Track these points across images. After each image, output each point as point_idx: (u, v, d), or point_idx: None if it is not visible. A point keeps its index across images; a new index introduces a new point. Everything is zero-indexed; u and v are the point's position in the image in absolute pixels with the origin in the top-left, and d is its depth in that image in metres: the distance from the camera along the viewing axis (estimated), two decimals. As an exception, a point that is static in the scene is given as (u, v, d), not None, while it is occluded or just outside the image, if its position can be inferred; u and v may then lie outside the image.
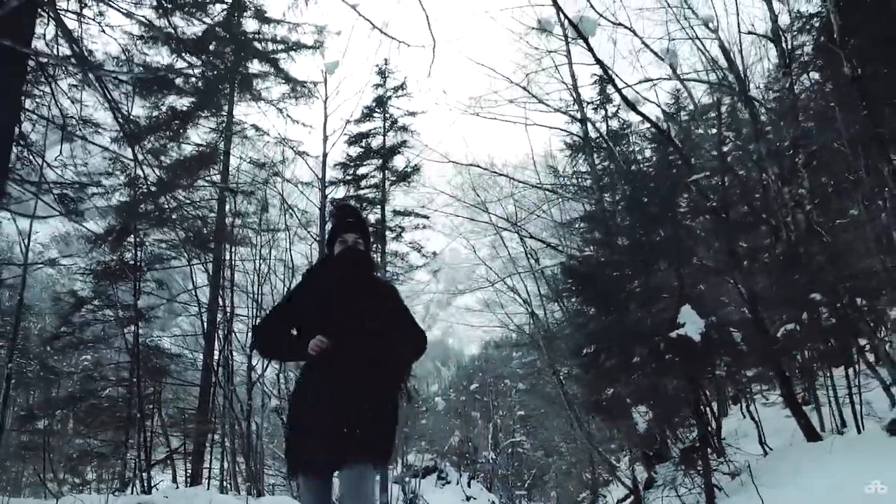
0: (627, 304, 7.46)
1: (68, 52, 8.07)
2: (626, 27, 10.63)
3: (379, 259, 18.30)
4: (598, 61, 8.37)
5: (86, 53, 7.45)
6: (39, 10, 6.30)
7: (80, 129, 10.22)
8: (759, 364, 7.83)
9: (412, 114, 19.05)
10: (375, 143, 18.98)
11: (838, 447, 6.68)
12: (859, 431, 7.34)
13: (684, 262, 7.40)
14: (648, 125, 9.60)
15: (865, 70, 9.29)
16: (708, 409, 9.09)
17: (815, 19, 12.17)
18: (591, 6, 10.54)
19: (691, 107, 14.16)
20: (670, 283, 7.37)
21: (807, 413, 7.77)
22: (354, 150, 18.94)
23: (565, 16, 8.29)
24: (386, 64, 19.33)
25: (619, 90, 8.19)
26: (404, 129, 19.09)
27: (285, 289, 12.97)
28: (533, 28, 9.17)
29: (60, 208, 11.06)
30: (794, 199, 9.48)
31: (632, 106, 8.31)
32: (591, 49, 8.42)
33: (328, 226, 3.46)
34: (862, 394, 7.97)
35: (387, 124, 19.01)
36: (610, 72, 8.26)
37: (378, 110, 19.09)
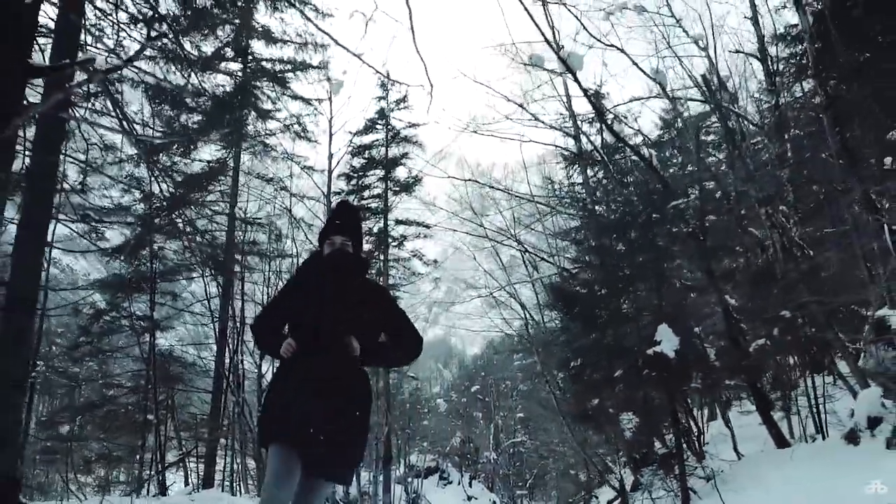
0: (610, 323, 8.16)
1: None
2: (617, 48, 11.35)
3: (381, 265, 19.06)
4: (586, 93, 9.07)
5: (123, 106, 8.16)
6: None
7: (102, 156, 11.01)
8: (731, 378, 8.51)
9: (414, 125, 19.74)
10: (378, 154, 19.72)
11: (799, 455, 7.38)
12: (824, 439, 8.04)
13: (663, 283, 8.09)
14: (636, 148, 10.27)
15: (841, 91, 9.99)
16: (690, 417, 9.81)
17: (797, 44, 12.87)
18: (585, 29, 11.21)
19: (681, 122, 14.82)
20: (650, 303, 8.06)
21: (777, 422, 8.47)
22: (358, 161, 19.70)
23: (557, 53, 8.97)
24: (388, 77, 19.99)
25: (605, 122, 8.89)
26: (406, 140, 19.82)
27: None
28: (526, 65, 9.83)
29: (81, 228, 11.86)
30: (771, 219, 10.17)
31: (616, 135, 9.01)
32: (578, 82, 9.13)
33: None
34: (833, 403, 8.68)
35: (389, 136, 19.72)
36: (597, 103, 8.95)
37: (380, 122, 19.80)
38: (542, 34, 8.66)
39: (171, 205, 13.54)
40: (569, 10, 10.64)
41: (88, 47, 8.20)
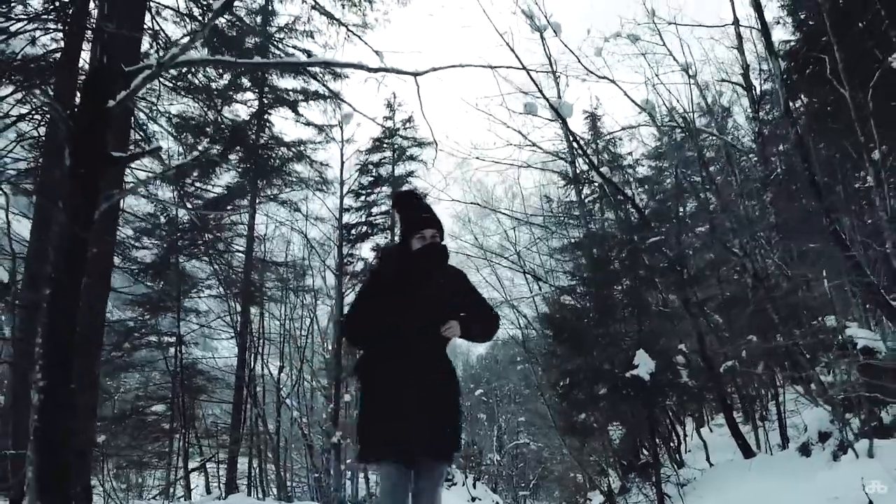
0: (593, 347, 9.30)
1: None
2: (609, 79, 12.49)
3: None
4: (576, 138, 10.22)
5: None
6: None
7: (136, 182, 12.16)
8: (703, 397, 9.62)
9: (419, 144, 20.89)
10: (385, 171, 20.89)
11: (760, 464, 8.53)
12: (783, 450, 9.17)
13: (643, 311, 9.22)
14: (620, 187, 11.41)
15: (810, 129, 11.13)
16: (672, 429, 10.98)
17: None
18: (579, 62, 12.40)
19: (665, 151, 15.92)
20: (631, 330, 9.20)
21: (744, 434, 9.61)
22: (366, 179, 20.88)
23: (549, 102, 10.13)
24: (394, 97, 21.19)
25: (593, 166, 10.04)
26: (412, 158, 21.01)
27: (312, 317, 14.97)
28: (520, 113, 10.97)
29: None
30: (744, 248, 11.28)
31: (602, 176, 10.15)
32: (568, 129, 10.27)
33: (397, 214, 3.52)
34: (798, 416, 9.79)
35: (395, 155, 20.89)
36: (587, 149, 10.11)
37: (387, 141, 20.95)
38: (538, 87, 9.81)
39: (195, 227, 14.78)
40: (565, 45, 11.83)
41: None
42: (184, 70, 11.07)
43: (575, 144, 11.39)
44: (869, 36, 9.35)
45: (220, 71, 13.57)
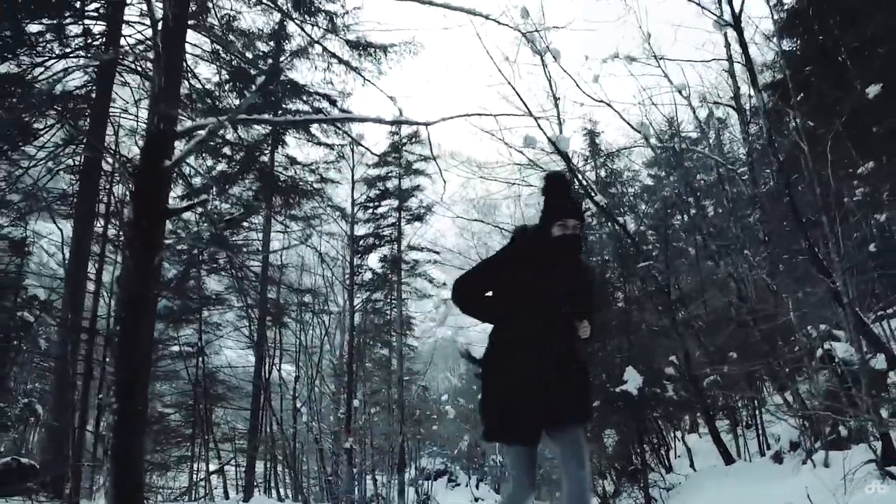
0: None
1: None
2: (605, 103, 13.41)
3: (396, 288, 21.25)
4: (573, 170, 11.16)
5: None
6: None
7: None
8: (687, 409, 10.56)
9: (425, 159, 21.82)
10: (392, 185, 21.86)
11: (738, 470, 9.50)
12: (761, 457, 10.13)
13: (633, 331, 10.18)
14: (614, 215, 12.36)
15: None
16: (662, 436, 11.94)
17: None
18: (579, 87, 13.33)
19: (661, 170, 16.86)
20: (622, 348, 10.16)
21: (726, 443, 10.57)
22: (373, 192, 21.85)
23: (547, 136, 11.09)
24: (401, 113, 22.09)
25: (591, 197, 10.99)
26: (418, 172, 21.97)
27: (324, 332, 15.96)
28: (519, 149, 11.90)
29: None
30: (729, 268, 12.21)
31: (597, 204, 11.10)
32: (568, 161, 11.23)
33: (542, 198, 3.45)
34: (777, 426, 10.73)
35: (402, 169, 21.84)
36: (586, 184, 11.08)
37: (394, 156, 21.89)
38: (538, 124, 10.76)
39: (214, 243, 15.76)
40: (564, 71, 12.74)
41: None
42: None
43: (574, 165, 12.28)
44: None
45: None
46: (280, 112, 17.66)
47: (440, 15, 11.58)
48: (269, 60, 14.33)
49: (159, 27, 6.34)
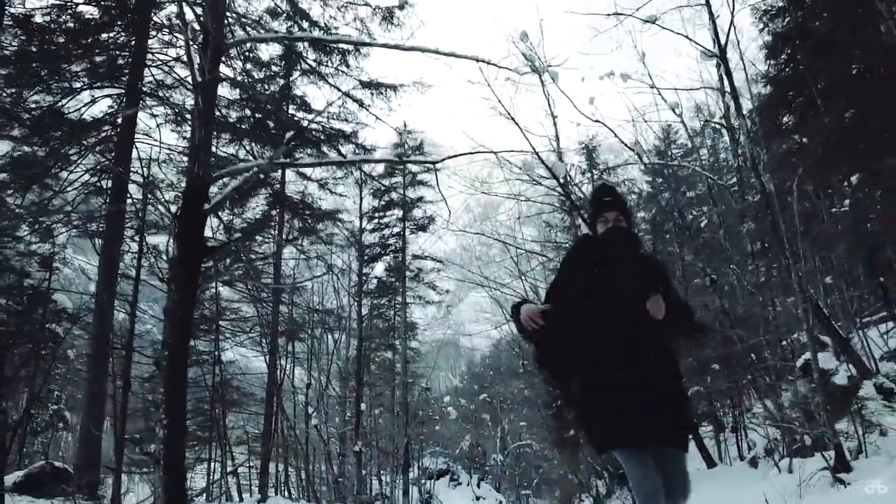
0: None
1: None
2: (601, 122, 14.36)
3: (401, 294, 22.22)
4: (569, 196, 12.10)
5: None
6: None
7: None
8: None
9: (429, 170, 22.72)
10: (396, 196, 22.78)
11: (718, 473, 10.45)
12: (741, 461, 11.10)
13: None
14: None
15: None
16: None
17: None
18: (575, 106, 14.29)
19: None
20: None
21: (708, 448, 11.54)
22: (379, 202, 22.80)
23: (543, 163, 12.04)
24: (405, 127, 23.06)
25: (584, 219, 11.93)
26: (422, 184, 22.90)
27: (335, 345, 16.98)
28: (517, 178, 12.86)
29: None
30: (714, 284, 13.16)
31: (591, 226, 12.07)
32: (562, 186, 12.17)
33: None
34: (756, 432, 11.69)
35: (406, 180, 22.77)
36: (581, 210, 12.03)
37: (398, 168, 22.81)
38: (539, 156, 11.72)
39: (230, 254, 16.72)
40: (562, 93, 13.71)
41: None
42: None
43: (569, 190, 13.25)
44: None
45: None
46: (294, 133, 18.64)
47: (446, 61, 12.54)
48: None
49: (199, 88, 7.30)
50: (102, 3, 11.99)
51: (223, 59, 13.00)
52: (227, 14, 9.82)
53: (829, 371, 11.03)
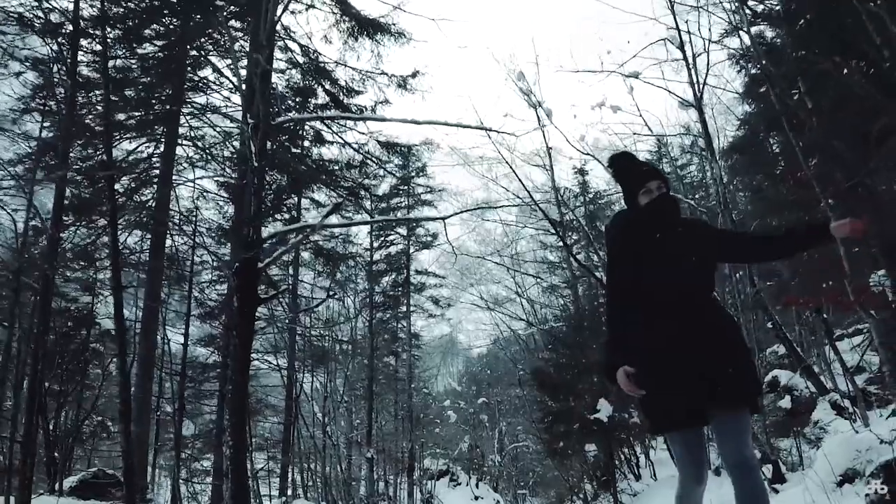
0: (568, 395, 13.02)
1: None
2: (591, 155, 16.11)
3: (404, 308, 24.06)
4: (559, 234, 13.89)
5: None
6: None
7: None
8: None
9: (432, 191, 24.51)
10: (401, 215, 24.54)
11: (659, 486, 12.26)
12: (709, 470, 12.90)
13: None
14: (592, 270, 15.10)
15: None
16: (632, 450, 14.73)
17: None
18: (568, 141, 16.13)
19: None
20: (597, 383, 12.89)
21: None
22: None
23: (538, 207, 13.81)
24: (409, 150, 24.78)
25: (572, 254, 13.74)
26: (425, 203, 24.65)
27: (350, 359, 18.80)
28: (513, 224, 14.66)
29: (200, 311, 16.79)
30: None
31: (578, 262, 13.87)
32: (553, 224, 13.96)
33: (616, 179, 3.38)
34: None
35: (410, 200, 24.50)
36: (571, 247, 13.83)
37: (402, 188, 24.55)
38: (539, 208, 13.49)
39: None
40: (557, 129, 15.46)
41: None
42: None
43: (565, 239, 15.04)
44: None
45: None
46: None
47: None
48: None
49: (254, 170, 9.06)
50: (145, 65, 13.71)
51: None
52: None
53: (793, 388, 12.81)
